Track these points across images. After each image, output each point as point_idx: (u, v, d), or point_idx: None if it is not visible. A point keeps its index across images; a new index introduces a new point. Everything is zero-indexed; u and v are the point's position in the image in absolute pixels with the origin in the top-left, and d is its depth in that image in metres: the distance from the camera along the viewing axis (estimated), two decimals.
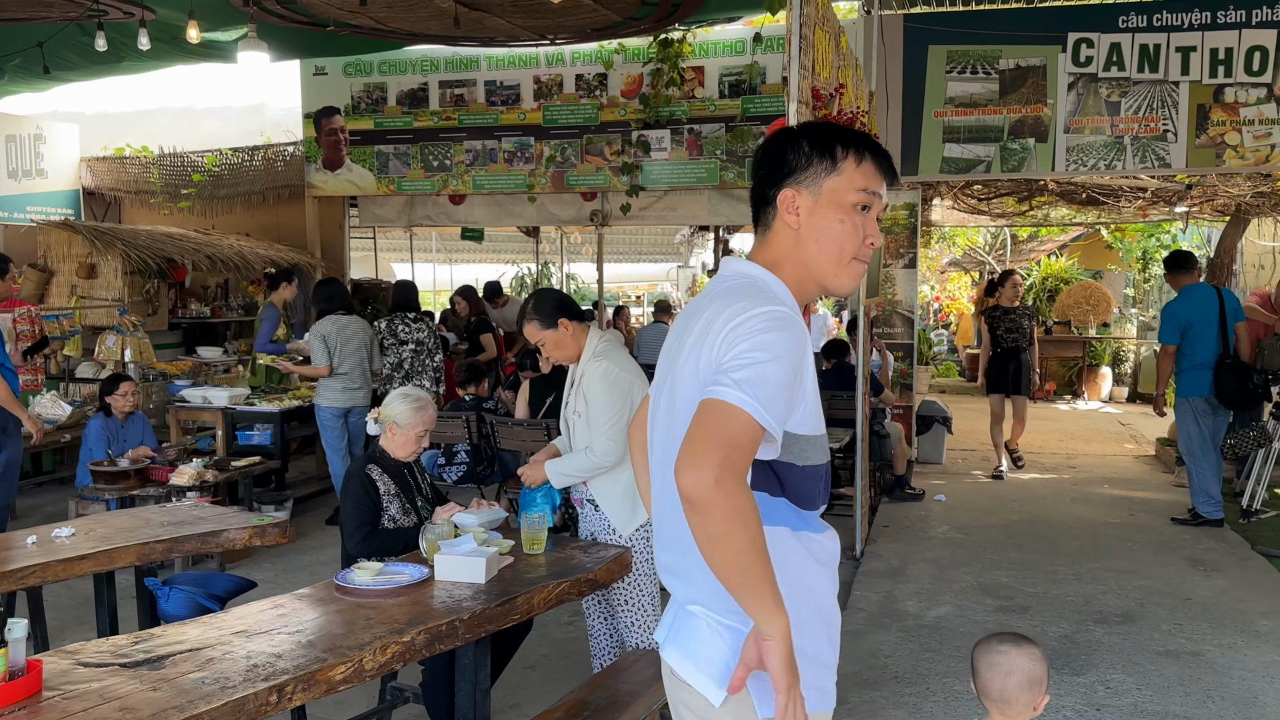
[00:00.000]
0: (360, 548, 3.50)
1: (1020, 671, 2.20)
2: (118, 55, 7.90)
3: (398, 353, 7.02)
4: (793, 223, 1.79)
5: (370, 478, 3.58)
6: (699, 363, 1.69)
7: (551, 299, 3.57)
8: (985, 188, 10.22)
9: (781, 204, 1.79)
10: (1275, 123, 7.08)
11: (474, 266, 18.94)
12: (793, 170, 1.78)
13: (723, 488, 1.49)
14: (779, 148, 1.82)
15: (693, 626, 1.74)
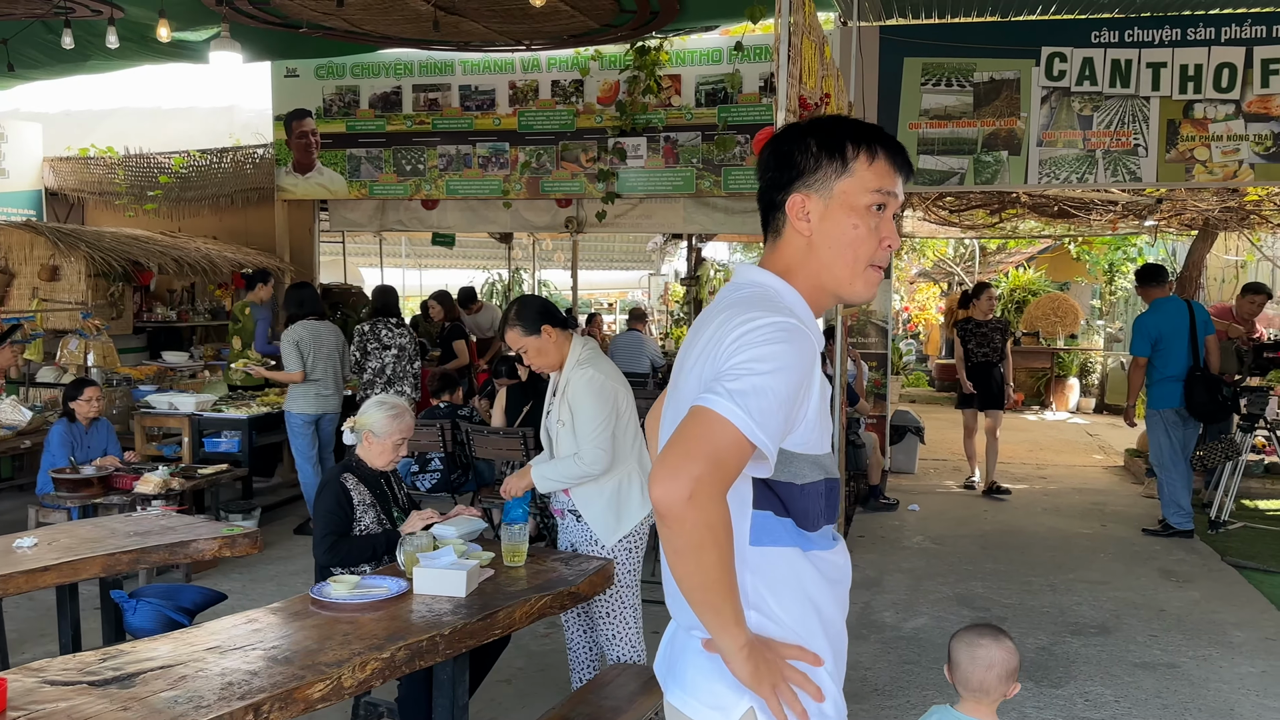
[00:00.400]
0: (327, 557, 3.43)
1: (1000, 665, 2.33)
2: (84, 54, 7.75)
3: (380, 358, 6.93)
4: (804, 229, 1.69)
5: (345, 487, 3.51)
6: (702, 372, 1.61)
7: (535, 306, 3.52)
8: (957, 199, 10.29)
9: (790, 210, 1.70)
10: (1243, 139, 7.18)
11: (444, 272, 18.80)
12: (801, 173, 1.69)
13: (696, 503, 1.42)
14: (786, 148, 1.72)
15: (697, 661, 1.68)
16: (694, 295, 14.57)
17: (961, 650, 2.37)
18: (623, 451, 3.43)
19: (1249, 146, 7.15)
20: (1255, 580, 5.73)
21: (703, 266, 14.86)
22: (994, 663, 2.33)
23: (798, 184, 1.69)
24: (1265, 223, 9.21)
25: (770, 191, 1.74)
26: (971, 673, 2.34)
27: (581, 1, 6.78)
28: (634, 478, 3.46)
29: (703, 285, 14.78)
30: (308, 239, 10.06)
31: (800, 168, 1.69)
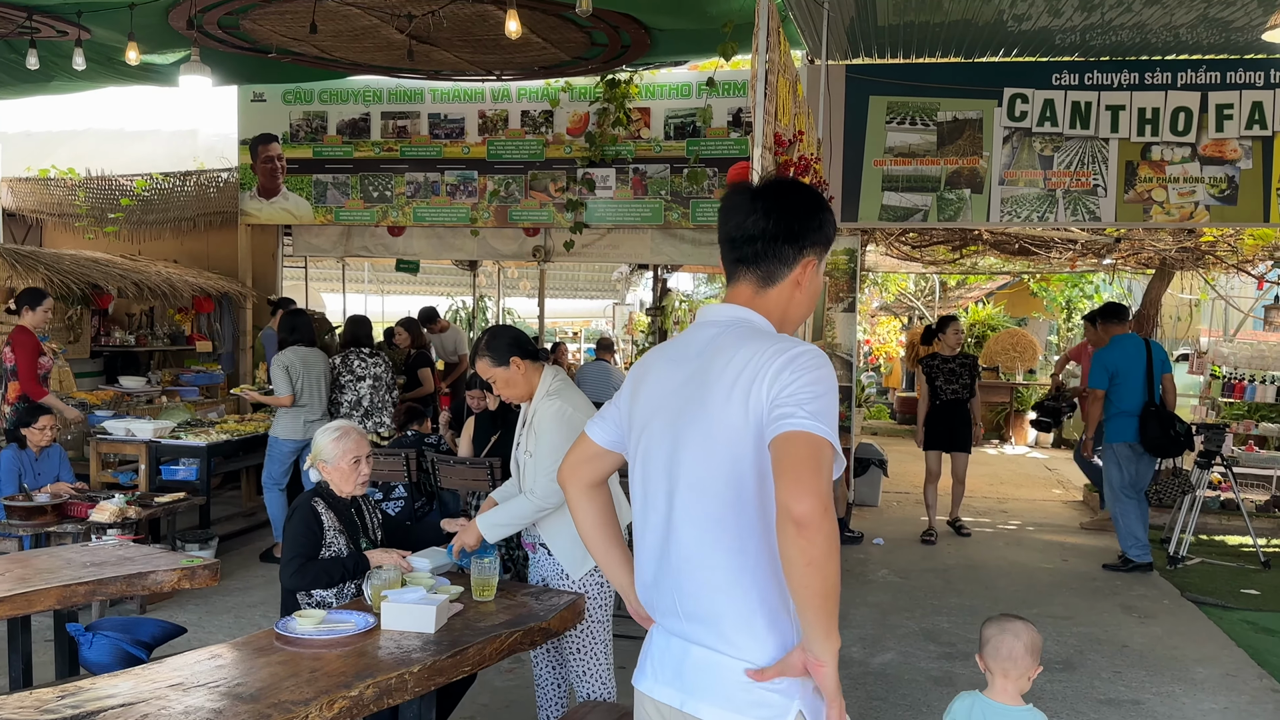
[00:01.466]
0: (293, 580, 3.34)
1: (1026, 637, 2.63)
2: (48, 74, 7.65)
3: (355, 389, 6.86)
4: (803, 283, 1.94)
5: (315, 510, 3.44)
6: (749, 400, 1.77)
7: (507, 336, 3.50)
8: (919, 235, 10.44)
9: (802, 266, 1.94)
10: (1199, 180, 7.36)
11: (408, 298, 18.70)
12: (820, 241, 1.94)
13: (828, 514, 1.64)
14: (813, 211, 1.94)
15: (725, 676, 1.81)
16: (659, 325, 14.61)
17: (992, 628, 2.67)
18: None
19: (1204, 189, 7.33)
20: (1215, 616, 5.81)
21: (668, 297, 14.92)
22: (1021, 635, 2.63)
23: (814, 248, 1.95)
24: (1220, 263, 9.43)
25: (783, 242, 1.92)
26: (1001, 644, 2.62)
27: (553, 34, 6.82)
28: None
29: (667, 315, 14.82)
30: (270, 264, 9.97)
31: (825, 235, 1.96)
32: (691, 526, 1.85)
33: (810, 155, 4.45)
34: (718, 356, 1.83)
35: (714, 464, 1.81)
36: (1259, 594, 6.34)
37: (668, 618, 1.93)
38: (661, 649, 1.94)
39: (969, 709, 2.64)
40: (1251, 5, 6.16)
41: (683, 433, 1.87)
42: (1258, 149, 7.25)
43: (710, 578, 1.82)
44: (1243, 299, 12.61)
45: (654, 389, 1.96)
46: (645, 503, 1.97)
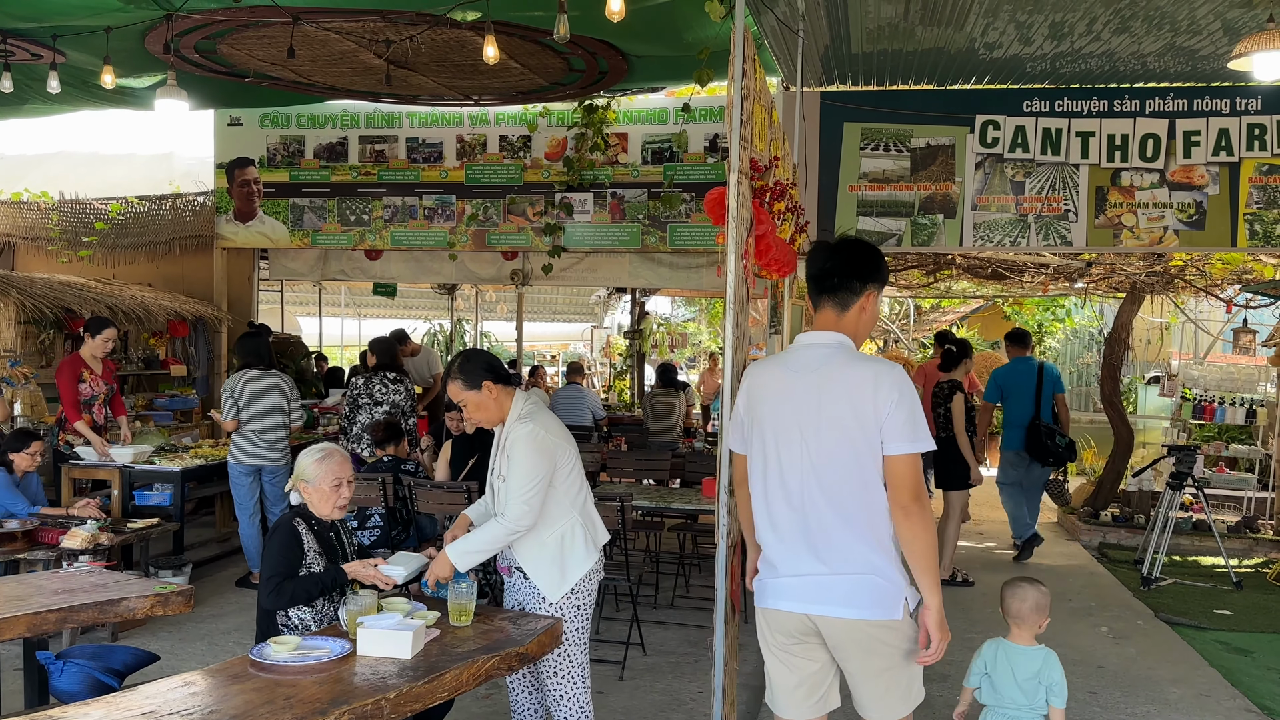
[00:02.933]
0: (271, 600, 3.29)
1: (1030, 599, 3.34)
2: (22, 97, 7.61)
3: (371, 413, 6.84)
4: (866, 309, 2.81)
5: (297, 531, 3.42)
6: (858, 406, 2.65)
7: (480, 360, 3.49)
8: (894, 260, 10.52)
9: (866, 296, 2.80)
10: (1168, 206, 7.48)
11: (385, 321, 18.62)
12: (876, 279, 2.81)
13: (922, 502, 2.64)
14: (870, 258, 2.82)
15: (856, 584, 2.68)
16: (637, 348, 14.63)
17: (1007, 591, 3.41)
18: (563, 505, 3.41)
19: (1173, 214, 7.45)
20: (1188, 636, 5.85)
21: (646, 320, 14.96)
22: (1026, 597, 3.34)
23: (874, 284, 2.82)
24: (1189, 287, 9.56)
25: (850, 276, 2.78)
26: (1011, 604, 3.37)
27: (531, 59, 6.86)
28: (577, 530, 3.42)
29: (645, 338, 14.86)
30: (246, 287, 9.93)
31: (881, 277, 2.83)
32: (820, 491, 2.69)
33: (786, 181, 4.50)
34: (834, 371, 2.70)
35: (834, 444, 2.68)
36: (1231, 614, 6.40)
37: (800, 559, 2.74)
38: (791, 584, 2.76)
39: (994, 650, 3.38)
40: (1218, 35, 6.29)
41: (809, 424, 2.71)
42: (1224, 175, 7.38)
43: (835, 522, 2.68)
44: (1212, 322, 12.79)
45: (779, 391, 2.79)
46: (775, 477, 2.78)
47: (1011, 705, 3.29)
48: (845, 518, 2.67)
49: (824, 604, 2.70)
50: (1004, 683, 3.29)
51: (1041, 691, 3.28)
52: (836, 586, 2.68)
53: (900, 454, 2.61)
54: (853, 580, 2.67)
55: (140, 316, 8.71)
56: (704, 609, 6.17)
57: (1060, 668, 3.34)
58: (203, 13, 5.83)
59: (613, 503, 5.00)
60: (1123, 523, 8.75)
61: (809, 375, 2.72)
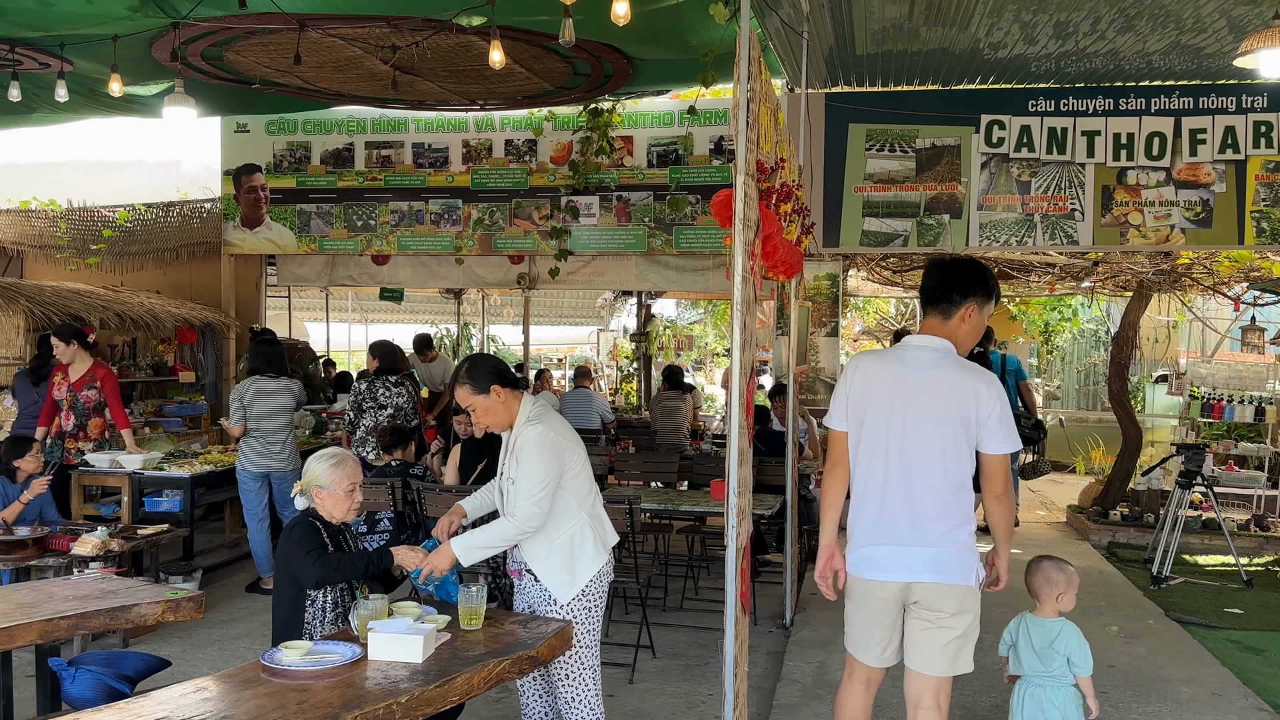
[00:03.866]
0: (317, 569, 3.26)
1: (1040, 574, 3.63)
2: (29, 106, 7.64)
3: (375, 416, 6.87)
4: (966, 320, 3.27)
5: (314, 524, 3.43)
6: (961, 406, 3.16)
7: (487, 365, 3.50)
8: (900, 260, 10.51)
9: (965, 309, 3.26)
10: (1174, 204, 7.46)
11: (391, 326, 18.66)
12: (975, 295, 3.26)
13: (1009, 490, 3.28)
14: (972, 274, 3.28)
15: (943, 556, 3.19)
16: (643, 351, 14.64)
17: (1028, 570, 3.69)
18: (571, 507, 3.41)
19: (1179, 212, 7.44)
20: (1199, 635, 5.84)
21: (652, 323, 14.97)
22: (1037, 573, 3.65)
23: (974, 299, 3.27)
24: (1196, 285, 9.53)
25: (952, 289, 3.26)
26: (1030, 581, 3.66)
27: (536, 64, 6.88)
28: (587, 532, 3.43)
29: (651, 341, 14.87)
30: (254, 293, 9.97)
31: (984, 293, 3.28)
32: (922, 475, 3.17)
33: (792, 182, 4.50)
34: (944, 374, 3.19)
35: (937, 435, 3.16)
36: (1242, 613, 6.39)
37: (900, 532, 3.20)
38: (883, 554, 3.23)
39: (1019, 623, 3.67)
40: (1223, 32, 6.28)
41: (914, 417, 3.18)
42: (1231, 173, 7.37)
43: (930, 501, 3.17)
44: (1219, 320, 12.75)
45: (884, 386, 3.23)
46: (881, 459, 3.22)
47: (1033, 673, 3.54)
48: (938, 499, 3.17)
49: (918, 571, 3.19)
50: (1025, 651, 3.57)
51: (1059, 660, 3.48)
52: (928, 556, 3.18)
53: (996, 453, 3.18)
54: (940, 551, 3.18)
55: (149, 323, 8.74)
56: (713, 611, 6.17)
57: (1079, 639, 3.52)
58: (209, 20, 5.85)
59: (621, 505, 5.00)
60: (1132, 522, 8.73)
61: (924, 374, 3.19)
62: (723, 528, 3.38)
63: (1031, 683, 3.56)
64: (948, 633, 3.22)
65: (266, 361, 6.58)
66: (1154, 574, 7.11)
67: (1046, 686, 3.52)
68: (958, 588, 3.19)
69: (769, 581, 6.77)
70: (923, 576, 3.19)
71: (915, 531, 3.18)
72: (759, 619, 6.00)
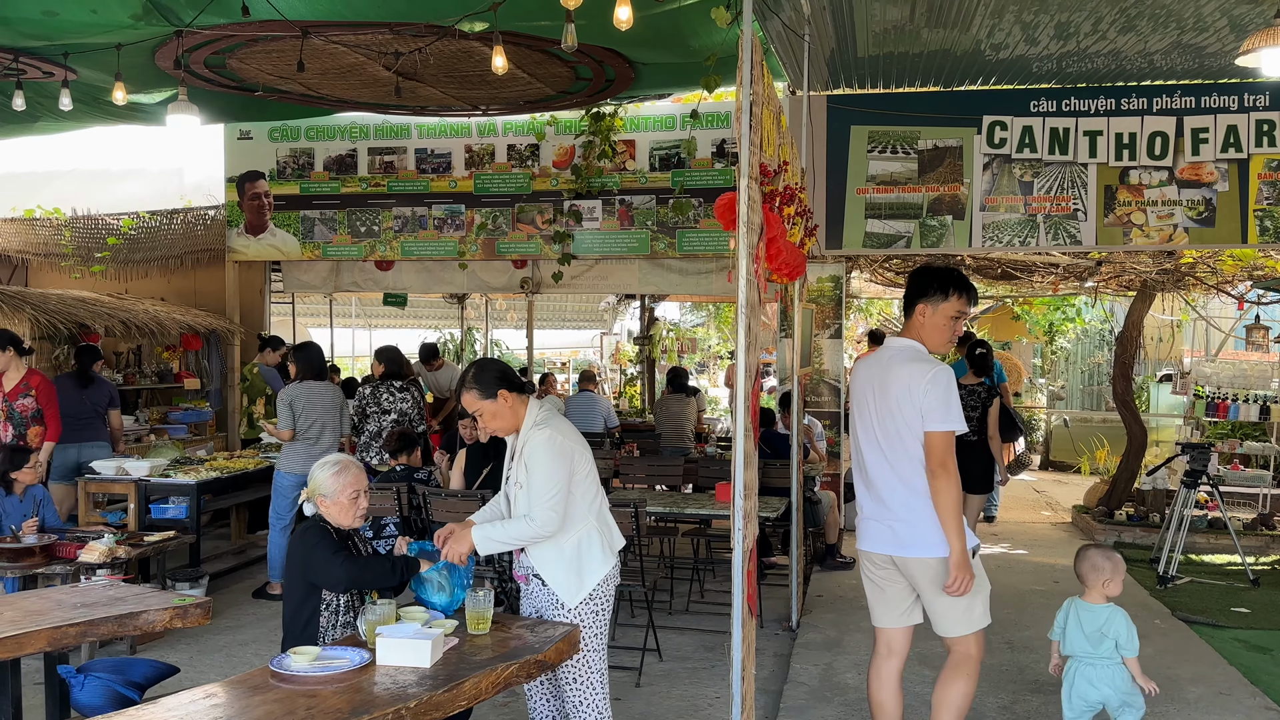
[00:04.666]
0: (344, 570, 3.28)
1: (1088, 562, 3.87)
2: (34, 115, 7.67)
3: (379, 421, 6.91)
4: (923, 321, 3.62)
5: (328, 529, 3.43)
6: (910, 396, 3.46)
7: (494, 369, 3.51)
8: (903, 262, 10.51)
9: (918, 311, 3.62)
10: (1177, 204, 7.46)
11: (395, 332, 18.68)
12: (922, 297, 3.61)
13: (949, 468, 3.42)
14: (930, 276, 3.61)
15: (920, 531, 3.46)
16: (647, 354, 14.65)
17: (1076, 557, 3.99)
18: (579, 510, 3.42)
19: (1182, 211, 7.44)
20: (1205, 635, 5.83)
21: (655, 326, 14.98)
22: (1083, 560, 3.90)
23: (925, 300, 3.60)
24: (1200, 284, 9.53)
25: (912, 300, 3.64)
26: (1079, 570, 3.91)
27: (538, 69, 6.89)
28: (593, 535, 3.43)
29: (655, 344, 14.88)
30: (258, 300, 9.99)
31: (932, 294, 3.60)
32: (886, 460, 3.53)
33: (795, 185, 4.50)
34: (901, 368, 3.51)
35: (895, 425, 3.50)
36: (1249, 612, 6.38)
37: (879, 508, 3.58)
38: (875, 530, 3.60)
39: (1068, 608, 3.91)
40: (1224, 31, 6.28)
41: (881, 409, 3.55)
42: (1233, 171, 7.37)
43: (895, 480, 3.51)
44: (1223, 319, 12.74)
45: (863, 384, 3.66)
46: (859, 448, 3.66)
47: (1083, 654, 3.79)
48: (902, 477, 3.49)
49: (897, 546, 3.53)
50: (1074, 634, 3.82)
51: (1107, 642, 3.74)
52: (899, 531, 3.50)
53: (932, 430, 3.42)
54: (909, 526, 3.48)
55: (153, 330, 8.77)
56: (719, 614, 6.17)
57: (1127, 623, 3.79)
58: (212, 28, 5.87)
59: (626, 509, 5.01)
60: (1137, 522, 8.72)
61: (887, 370, 3.56)
62: (728, 531, 3.39)
63: (1082, 663, 3.80)
64: (940, 600, 3.49)
65: (306, 365, 6.63)
66: (1160, 574, 7.09)
67: (1096, 666, 3.77)
68: (931, 560, 3.45)
69: (775, 584, 6.77)
70: (905, 551, 3.51)
71: (888, 508, 3.55)
72: (765, 622, 6.00)
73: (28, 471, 5.54)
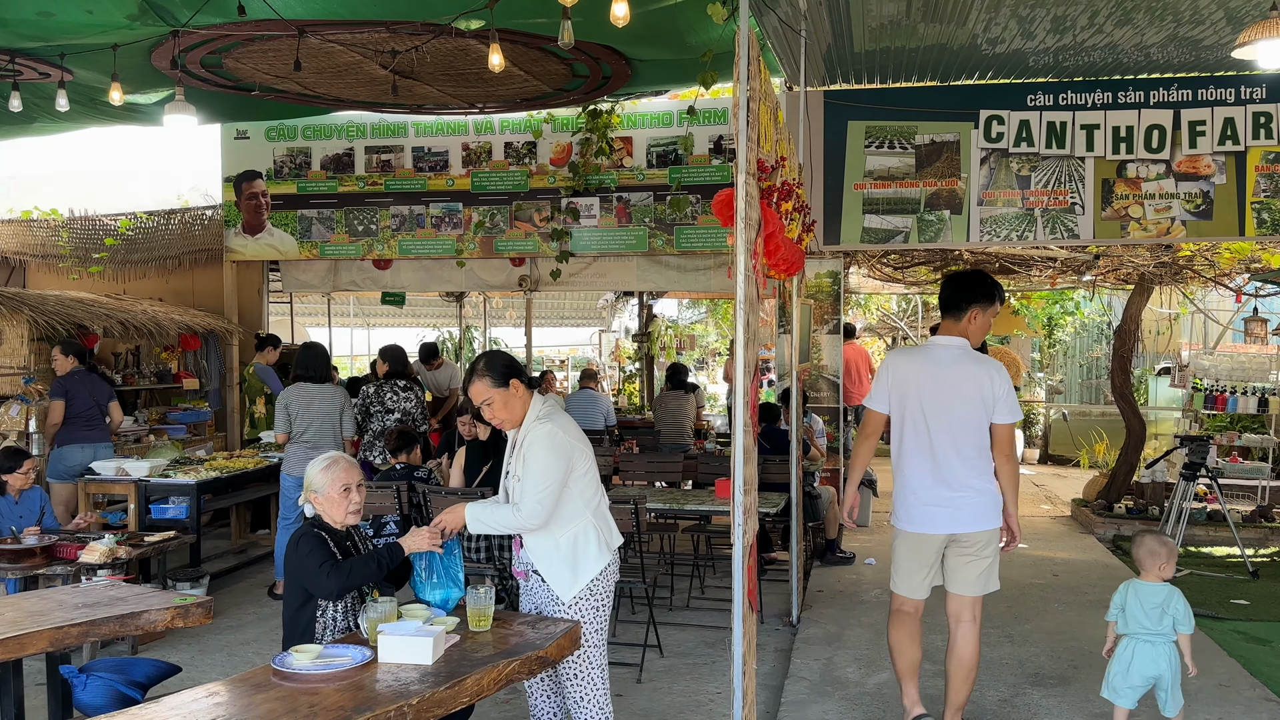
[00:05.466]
0: (334, 581, 3.27)
1: (1145, 548, 4.14)
2: (30, 116, 7.66)
3: (383, 420, 6.94)
4: (973, 322, 4.13)
5: (319, 534, 3.44)
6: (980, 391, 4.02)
7: (503, 359, 3.50)
8: (901, 257, 10.52)
9: (970, 314, 4.11)
10: (1174, 197, 7.46)
11: (393, 330, 18.68)
12: (977, 300, 4.10)
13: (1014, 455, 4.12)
14: (974, 283, 4.14)
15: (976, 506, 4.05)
16: (645, 351, 14.65)
17: (1133, 543, 4.28)
18: (576, 507, 3.42)
19: (1180, 204, 7.44)
20: (1206, 627, 5.83)
21: (653, 323, 14.98)
22: (1141, 546, 4.17)
23: (977, 304, 4.10)
24: (1197, 277, 9.53)
25: (959, 299, 4.11)
26: (1137, 554, 4.18)
27: (535, 66, 6.89)
28: (590, 532, 3.43)
29: (653, 341, 14.88)
30: (256, 300, 9.98)
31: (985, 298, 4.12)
32: (954, 447, 4.02)
33: (792, 180, 4.51)
34: (965, 367, 4.06)
35: (965, 416, 4.02)
36: (1249, 604, 6.39)
37: (941, 491, 4.04)
38: (932, 512, 4.07)
39: (1126, 589, 4.15)
40: (1220, 24, 6.28)
41: (945, 401, 4.03)
42: (1231, 164, 7.37)
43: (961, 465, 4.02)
44: (1221, 312, 12.74)
45: (919, 377, 4.09)
46: (924, 436, 4.06)
47: (1141, 630, 4.07)
48: (968, 463, 4.02)
49: (960, 524, 4.05)
50: (1135, 612, 4.10)
51: (1166, 619, 4.05)
52: (966, 509, 4.03)
53: (1003, 423, 4.04)
54: (974, 503, 4.04)
55: (152, 331, 8.76)
56: (719, 610, 6.18)
57: (1185, 603, 4.09)
58: (208, 28, 5.87)
59: (626, 505, 5.01)
60: (1137, 515, 8.73)
61: (950, 367, 4.05)
62: (728, 527, 3.40)
63: (1141, 639, 4.09)
64: (981, 562, 4.09)
65: (305, 368, 6.63)
66: None
67: (1155, 642, 4.06)
68: (987, 531, 4.07)
69: (775, 579, 6.78)
70: (962, 527, 4.05)
71: (955, 492, 4.02)
72: (765, 617, 6.01)
73: (18, 476, 5.54)
